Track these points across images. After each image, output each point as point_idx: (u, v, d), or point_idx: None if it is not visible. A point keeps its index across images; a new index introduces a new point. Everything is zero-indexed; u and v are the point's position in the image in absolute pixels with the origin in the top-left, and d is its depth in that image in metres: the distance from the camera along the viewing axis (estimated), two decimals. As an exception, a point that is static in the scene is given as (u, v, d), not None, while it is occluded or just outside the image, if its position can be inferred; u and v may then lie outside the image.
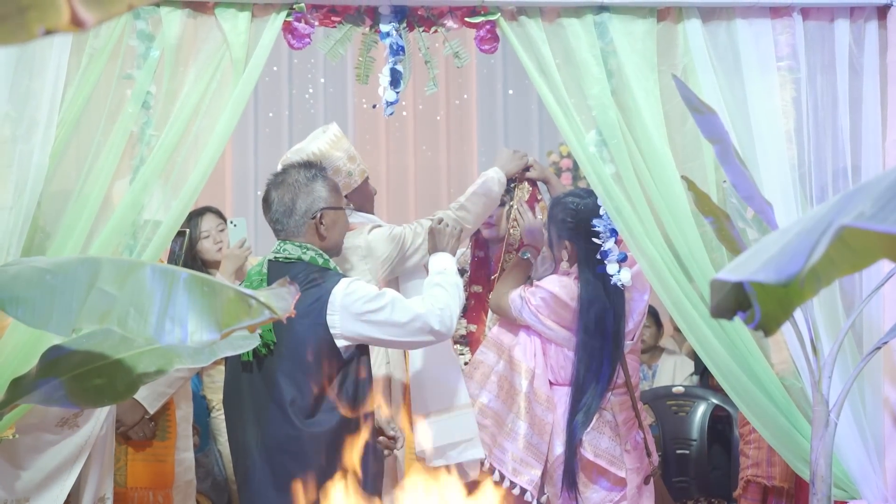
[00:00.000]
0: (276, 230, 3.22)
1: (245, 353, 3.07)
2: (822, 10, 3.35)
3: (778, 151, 3.26)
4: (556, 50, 3.29)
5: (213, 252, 4.39)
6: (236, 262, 4.08)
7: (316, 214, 3.17)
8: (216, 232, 4.41)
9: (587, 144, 3.27)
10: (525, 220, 3.81)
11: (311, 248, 3.16)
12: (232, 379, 3.22)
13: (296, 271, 3.09)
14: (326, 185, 3.22)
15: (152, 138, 3.17)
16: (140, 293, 1.88)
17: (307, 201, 3.17)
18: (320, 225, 3.17)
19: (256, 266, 3.23)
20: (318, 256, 3.16)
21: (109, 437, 3.43)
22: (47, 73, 3.07)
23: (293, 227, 3.17)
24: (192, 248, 4.45)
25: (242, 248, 4.07)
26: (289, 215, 3.17)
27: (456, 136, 7.52)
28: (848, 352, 3.15)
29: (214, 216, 4.51)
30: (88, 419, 3.26)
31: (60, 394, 2.20)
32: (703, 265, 3.20)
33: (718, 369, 3.24)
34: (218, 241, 4.39)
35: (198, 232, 4.43)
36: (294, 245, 3.16)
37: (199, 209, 4.52)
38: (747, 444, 4.12)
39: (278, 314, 1.88)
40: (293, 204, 3.16)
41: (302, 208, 3.16)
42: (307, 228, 3.17)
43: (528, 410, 3.56)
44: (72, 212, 3.10)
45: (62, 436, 3.23)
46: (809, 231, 1.33)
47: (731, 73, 3.30)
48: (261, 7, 3.21)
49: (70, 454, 3.23)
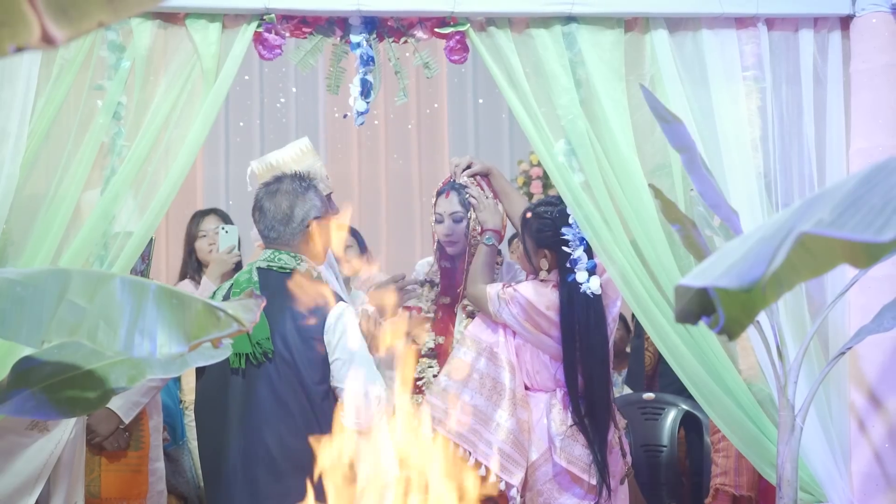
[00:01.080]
0: (268, 238, 3.24)
1: (234, 360, 3.07)
2: (787, 21, 3.39)
3: (744, 160, 3.29)
4: (525, 60, 3.31)
5: (205, 252, 4.48)
6: (222, 267, 4.15)
7: (310, 223, 3.20)
8: (213, 233, 4.49)
9: (556, 154, 3.29)
10: (480, 202, 3.81)
11: (305, 259, 3.19)
12: (212, 385, 3.20)
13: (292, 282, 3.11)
14: (318, 195, 3.28)
15: (123, 149, 3.17)
16: (110, 306, 1.88)
17: (304, 209, 3.21)
18: (312, 233, 3.21)
19: (245, 273, 3.23)
20: (312, 269, 3.18)
21: (80, 442, 3.41)
22: (18, 84, 3.07)
23: (289, 234, 3.20)
24: (190, 244, 4.58)
25: (230, 254, 4.13)
26: (286, 223, 3.20)
27: (427, 144, 7.55)
28: (814, 357, 3.19)
29: (218, 218, 4.63)
30: (59, 423, 3.25)
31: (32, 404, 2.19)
32: (671, 272, 3.23)
33: (687, 375, 3.27)
34: (212, 243, 4.46)
35: (197, 230, 4.54)
36: (289, 255, 3.18)
37: (206, 210, 4.72)
38: (717, 452, 4.15)
39: (245, 326, 1.89)
40: (291, 212, 3.20)
41: (299, 216, 3.20)
42: (301, 237, 3.21)
43: (513, 407, 3.57)
44: (42, 222, 3.09)
45: (32, 439, 3.22)
46: (771, 237, 1.35)
47: (697, 83, 3.34)
48: (231, 18, 3.22)
49: (41, 461, 3.22)
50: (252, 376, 3.09)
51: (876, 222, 1.28)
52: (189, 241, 4.68)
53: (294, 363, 3.06)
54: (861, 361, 3.23)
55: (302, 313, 3.04)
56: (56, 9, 1.16)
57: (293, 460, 3.04)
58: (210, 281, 4.27)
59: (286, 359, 3.06)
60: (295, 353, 3.05)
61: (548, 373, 3.63)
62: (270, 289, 3.09)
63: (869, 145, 3.30)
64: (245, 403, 3.09)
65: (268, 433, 3.06)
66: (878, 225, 1.28)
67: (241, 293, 3.12)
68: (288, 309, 3.08)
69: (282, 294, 3.05)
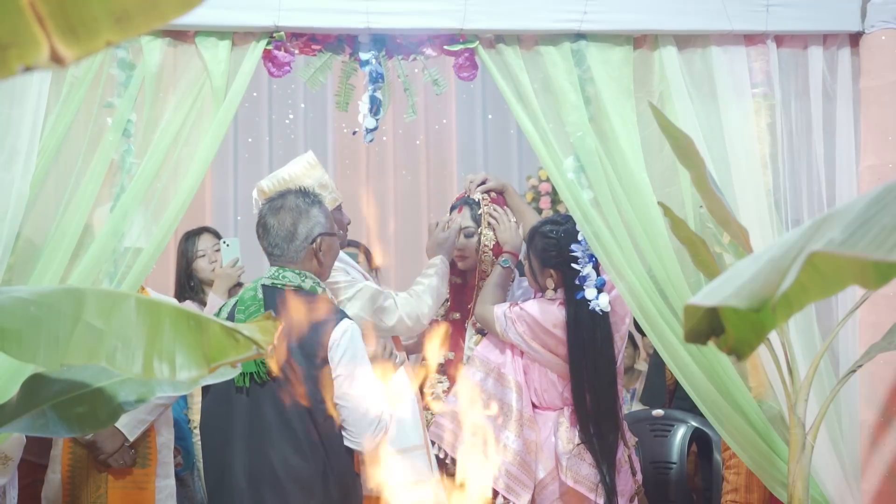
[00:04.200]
0: (272, 255, 3.22)
1: (239, 379, 3.07)
2: (796, 38, 3.40)
3: (753, 177, 3.29)
4: (534, 77, 3.32)
5: (207, 271, 4.47)
6: (229, 282, 4.13)
7: (315, 240, 3.18)
8: (212, 251, 4.49)
9: (565, 170, 3.29)
10: (501, 223, 3.82)
11: (310, 276, 3.17)
12: (217, 403, 3.19)
13: (297, 300, 3.10)
14: (322, 211, 3.24)
15: (133, 166, 3.18)
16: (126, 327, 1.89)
17: (308, 226, 3.18)
18: (319, 251, 3.19)
19: (250, 290, 3.21)
20: (317, 286, 3.17)
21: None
22: (28, 102, 3.08)
23: (293, 252, 3.18)
24: (188, 266, 4.54)
25: (235, 267, 4.12)
26: (290, 240, 3.17)
27: (436, 160, 7.54)
28: (824, 375, 3.18)
29: (211, 236, 4.60)
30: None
31: (42, 422, 2.20)
32: (680, 290, 3.22)
33: (697, 393, 3.26)
34: (213, 261, 4.45)
35: (194, 251, 4.50)
36: (294, 273, 3.16)
37: (197, 229, 4.64)
38: (728, 469, 4.13)
39: (264, 349, 1.89)
40: (294, 229, 3.17)
41: (303, 233, 3.17)
42: (306, 254, 3.18)
43: (520, 428, 3.57)
44: (53, 240, 3.09)
45: None
46: (781, 257, 1.35)
47: (706, 100, 3.34)
48: (241, 35, 3.23)
49: None
50: (256, 395, 3.08)
51: (888, 242, 1.28)
52: (186, 263, 4.61)
53: (297, 381, 3.05)
54: (871, 379, 3.21)
55: (305, 331, 3.03)
56: (65, 28, 1.16)
57: (297, 479, 3.03)
58: (217, 296, 4.27)
59: (290, 377, 3.05)
60: (298, 371, 3.04)
61: (555, 391, 3.63)
62: (275, 306, 3.08)
63: (879, 162, 3.30)
64: (250, 423, 3.09)
65: (272, 452, 3.05)
66: (890, 244, 1.27)
67: (247, 311, 3.12)
68: (292, 327, 3.07)
69: (286, 312, 3.05)
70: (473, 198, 3.89)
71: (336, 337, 3.05)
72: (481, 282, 3.83)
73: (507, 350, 3.68)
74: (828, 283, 1.36)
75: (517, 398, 3.60)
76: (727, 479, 4.11)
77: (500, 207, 3.86)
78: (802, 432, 2.90)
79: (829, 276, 1.35)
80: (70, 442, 3.71)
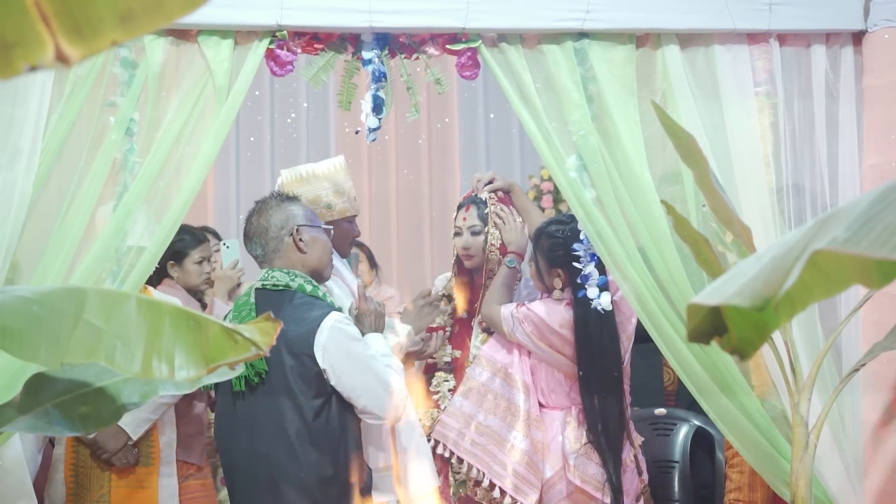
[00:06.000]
0: (257, 258, 3.24)
1: (236, 383, 3.08)
2: (799, 36, 3.39)
3: (756, 176, 3.29)
4: (537, 76, 3.31)
5: None
6: (229, 284, 4.13)
7: (292, 230, 3.18)
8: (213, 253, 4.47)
9: (568, 169, 3.29)
10: (506, 223, 3.82)
11: (300, 274, 3.17)
12: (224, 407, 3.22)
13: (285, 300, 3.11)
14: (301, 207, 3.26)
15: (136, 165, 3.18)
16: (126, 327, 1.89)
17: (280, 218, 3.19)
18: (300, 242, 3.18)
19: (244, 296, 3.23)
20: (307, 284, 3.17)
21: None
22: (31, 101, 3.07)
23: (272, 247, 3.19)
24: None
25: (235, 269, 4.11)
26: (264, 235, 3.19)
27: (438, 159, 7.55)
28: (827, 374, 3.17)
29: (211, 237, 4.58)
30: None
31: (45, 421, 2.20)
32: (683, 288, 3.22)
33: (700, 392, 3.25)
34: (215, 260, 4.44)
35: None
36: (282, 272, 3.17)
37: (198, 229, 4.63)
38: (731, 468, 4.13)
39: (263, 350, 1.89)
40: (267, 223, 3.19)
41: (276, 225, 3.18)
42: (286, 247, 3.19)
43: (528, 428, 3.57)
44: (55, 238, 3.09)
45: None
46: (784, 256, 1.35)
47: (709, 99, 3.33)
48: (243, 34, 3.23)
49: None
50: (252, 397, 3.10)
51: (891, 240, 1.28)
52: None
53: (286, 381, 3.05)
54: (875, 378, 3.21)
55: (293, 329, 3.02)
56: (70, 28, 1.16)
57: (289, 479, 3.04)
58: (219, 299, 4.26)
59: (279, 378, 3.06)
60: (287, 370, 3.05)
61: (562, 391, 3.63)
62: (267, 308, 3.08)
63: (882, 161, 3.29)
64: (247, 425, 3.11)
65: (268, 453, 3.06)
66: (893, 243, 1.27)
67: (240, 316, 3.14)
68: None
69: (277, 313, 3.05)
70: (480, 197, 3.89)
71: (322, 334, 3.05)
72: (488, 280, 3.83)
73: (514, 350, 3.68)
74: (831, 283, 1.36)
75: (524, 398, 3.60)
76: (730, 478, 4.10)
77: (506, 207, 3.86)
78: (805, 431, 2.89)
79: (833, 276, 1.35)
80: (73, 441, 3.72)
